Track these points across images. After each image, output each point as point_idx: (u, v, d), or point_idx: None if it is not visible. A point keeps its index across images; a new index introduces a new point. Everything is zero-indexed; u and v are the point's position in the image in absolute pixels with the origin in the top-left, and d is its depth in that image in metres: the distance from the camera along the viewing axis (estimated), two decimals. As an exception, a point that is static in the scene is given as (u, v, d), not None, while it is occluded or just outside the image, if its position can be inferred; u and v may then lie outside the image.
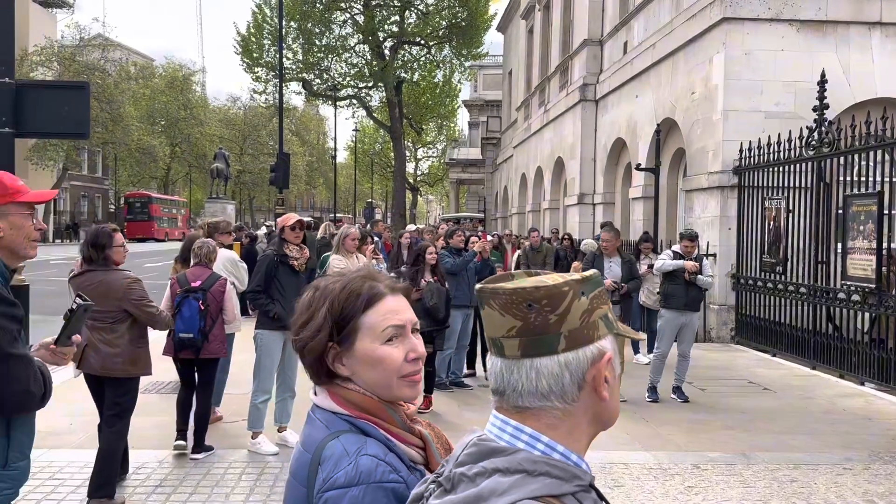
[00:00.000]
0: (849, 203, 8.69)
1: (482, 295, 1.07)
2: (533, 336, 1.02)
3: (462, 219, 35.15)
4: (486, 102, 52.14)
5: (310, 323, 1.37)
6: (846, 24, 11.52)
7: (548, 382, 1.02)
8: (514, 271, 1.13)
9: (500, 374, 1.05)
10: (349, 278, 1.41)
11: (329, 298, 1.37)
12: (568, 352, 1.02)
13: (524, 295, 1.02)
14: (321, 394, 1.40)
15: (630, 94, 16.20)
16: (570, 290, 1.02)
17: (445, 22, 34.58)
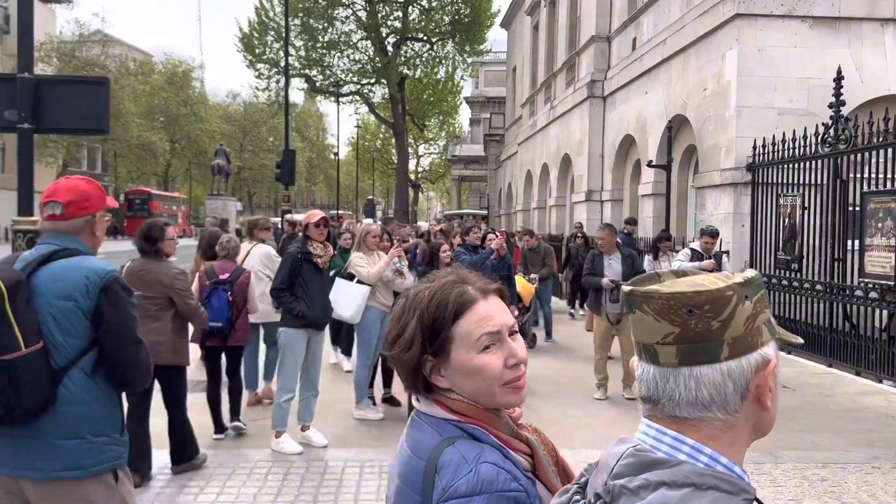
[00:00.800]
0: (867, 200, 8.65)
1: (633, 298, 1.03)
2: (693, 343, 0.97)
3: (464, 216, 35.09)
4: (488, 99, 52.08)
5: (400, 338, 1.35)
6: (859, 20, 11.47)
7: (709, 392, 0.98)
8: (660, 271, 1.09)
9: (654, 381, 1.01)
10: (438, 286, 1.37)
11: (418, 310, 1.34)
12: (731, 360, 0.97)
13: (684, 300, 0.98)
14: (424, 401, 1.37)
15: (639, 90, 16.14)
16: (733, 295, 0.97)
17: (448, 18, 34.49)
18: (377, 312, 6.84)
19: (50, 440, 2.46)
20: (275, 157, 61.29)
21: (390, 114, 36.88)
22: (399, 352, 1.34)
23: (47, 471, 2.45)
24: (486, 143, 41.77)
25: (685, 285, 0.99)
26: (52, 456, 2.46)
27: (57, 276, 2.50)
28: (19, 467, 2.46)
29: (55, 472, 2.46)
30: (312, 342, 5.93)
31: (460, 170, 52.07)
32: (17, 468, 2.46)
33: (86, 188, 2.61)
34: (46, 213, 2.58)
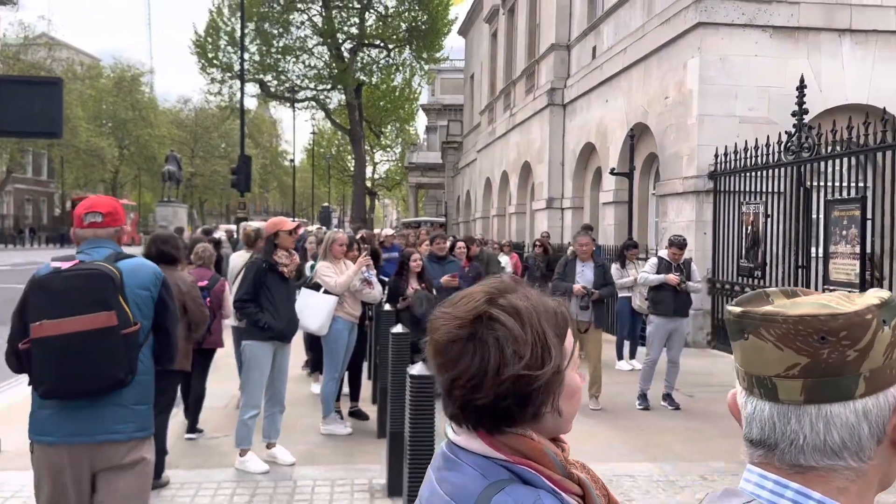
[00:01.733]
0: (831, 208, 8.72)
1: (747, 321, 0.85)
2: (823, 377, 0.81)
3: (422, 223, 34.94)
4: (444, 106, 52.12)
5: (543, 354, 1.10)
6: (817, 30, 11.66)
7: (840, 436, 0.82)
8: (768, 289, 0.91)
9: (770, 421, 0.85)
10: (535, 295, 1.16)
11: (548, 322, 1.12)
12: (867, 397, 0.82)
13: (816, 325, 0.81)
14: (465, 434, 1.15)
15: (600, 98, 16.19)
16: (873, 319, 0.81)
17: (406, 25, 34.35)
18: (345, 323, 6.61)
19: (130, 406, 2.93)
20: (227, 163, 60.35)
21: (347, 120, 36.54)
22: (546, 373, 1.09)
23: (128, 432, 2.91)
24: (444, 151, 41.70)
25: (812, 307, 0.83)
26: (131, 419, 2.93)
27: (133, 271, 2.98)
28: (101, 433, 2.86)
29: (133, 432, 2.93)
30: (278, 355, 5.67)
31: (417, 177, 51.93)
32: (99, 434, 2.85)
33: (116, 204, 3.18)
34: (88, 221, 3.03)
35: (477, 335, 1.10)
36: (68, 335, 2.75)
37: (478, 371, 1.09)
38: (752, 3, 11.57)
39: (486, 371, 1.08)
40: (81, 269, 2.84)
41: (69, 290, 2.79)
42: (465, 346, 1.10)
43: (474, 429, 1.13)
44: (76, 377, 2.79)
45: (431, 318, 1.21)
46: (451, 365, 1.12)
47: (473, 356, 1.10)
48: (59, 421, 2.85)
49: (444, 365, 1.14)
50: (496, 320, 1.10)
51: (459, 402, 1.12)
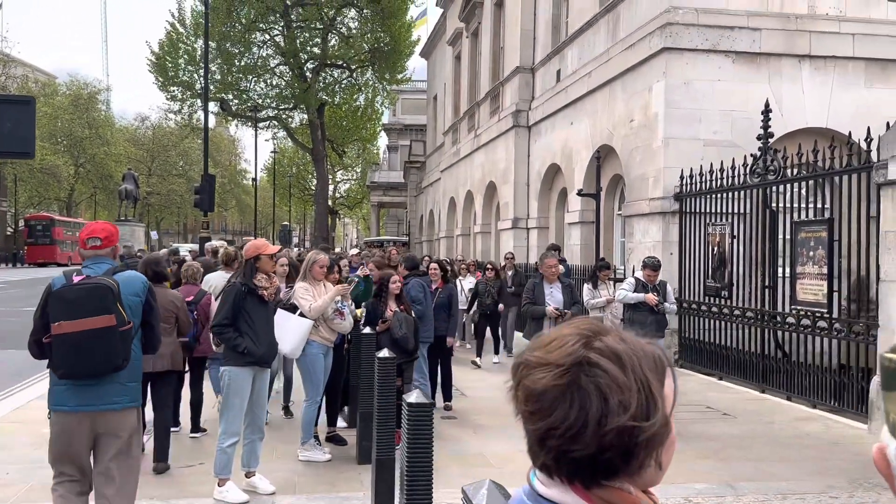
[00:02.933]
0: (798, 229, 8.93)
1: None
2: None
3: (385, 242, 34.84)
4: (406, 126, 52.28)
5: (648, 403, 1.02)
6: (778, 56, 12.00)
7: None
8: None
9: None
10: (630, 337, 1.08)
11: (647, 367, 1.04)
12: None
13: None
14: (558, 487, 1.07)
15: (565, 120, 16.39)
16: None
17: (368, 46, 34.40)
18: (320, 347, 6.51)
19: (125, 383, 3.94)
20: (185, 181, 59.52)
21: (309, 139, 36.35)
22: (654, 424, 1.01)
23: (123, 403, 3.93)
24: (406, 170, 41.75)
25: None
26: (126, 393, 3.95)
27: (127, 282, 3.97)
28: (103, 403, 3.86)
29: (127, 403, 3.96)
30: (258, 380, 5.55)
31: (379, 196, 51.85)
32: (102, 404, 3.86)
33: (111, 228, 4.07)
34: (90, 245, 3.97)
35: (577, 382, 1.02)
36: (80, 332, 3.72)
37: (576, 421, 1.01)
38: (716, 29, 11.87)
39: (586, 422, 1.01)
40: (88, 283, 3.82)
41: (79, 298, 3.77)
42: (564, 395, 1.02)
43: (569, 482, 1.06)
44: (85, 363, 3.77)
45: (520, 361, 1.12)
46: (546, 413, 1.04)
47: (572, 405, 1.02)
48: (71, 395, 3.84)
49: (537, 412, 1.05)
50: (597, 366, 1.02)
51: (555, 454, 1.04)
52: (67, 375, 3.79)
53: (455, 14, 27.32)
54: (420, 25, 40.26)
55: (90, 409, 3.83)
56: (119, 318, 3.75)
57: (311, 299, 6.38)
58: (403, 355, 6.84)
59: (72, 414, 3.83)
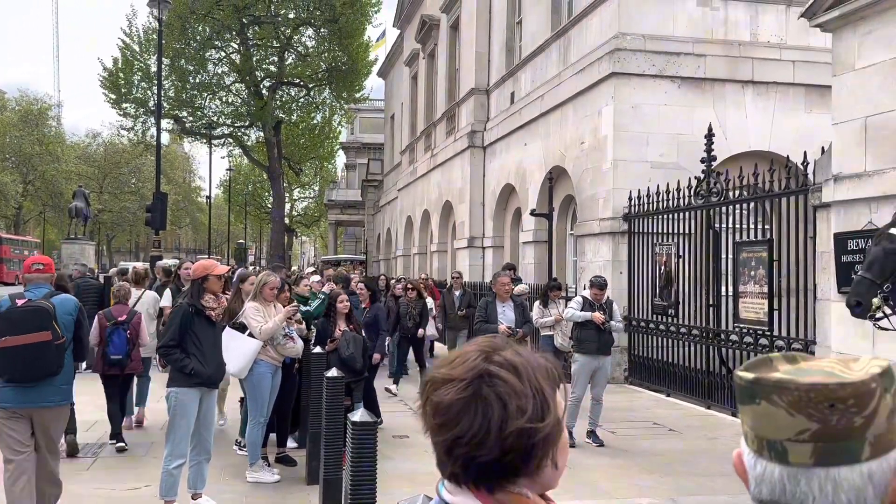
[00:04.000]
0: (739, 250, 9.23)
1: (759, 387, 0.91)
2: (832, 441, 0.88)
3: (342, 261, 34.69)
4: (364, 145, 52.30)
5: (543, 407, 1.13)
6: (722, 81, 12.41)
7: (847, 497, 0.87)
8: (771, 355, 0.97)
9: (780, 483, 0.90)
10: (526, 351, 1.20)
11: (541, 375, 1.15)
12: (872, 460, 0.88)
13: (826, 393, 0.87)
14: (461, 494, 1.16)
15: (518, 141, 16.65)
16: (877, 388, 0.88)
17: (325, 65, 34.42)
18: (268, 366, 6.50)
19: (58, 386, 4.87)
20: (137, 199, 58.43)
21: (265, 157, 36.13)
22: (548, 424, 1.12)
23: (57, 401, 4.89)
24: (364, 189, 41.74)
25: (821, 375, 0.89)
26: (59, 394, 4.89)
27: (61, 303, 4.91)
28: (42, 402, 4.80)
29: (60, 402, 4.94)
30: (205, 401, 5.53)
31: (336, 214, 51.68)
32: (40, 402, 4.79)
33: (50, 260, 5.30)
34: (34, 268, 5.02)
35: (479, 393, 1.12)
36: (22, 346, 4.67)
37: (480, 428, 1.10)
38: (662, 55, 12.24)
39: (489, 428, 1.10)
40: (30, 306, 4.77)
41: (22, 318, 4.73)
42: (468, 406, 1.12)
43: (476, 487, 1.14)
44: (27, 371, 4.71)
45: (427, 378, 1.22)
46: (452, 424, 1.13)
47: (476, 414, 1.11)
48: (15, 395, 4.76)
49: (445, 424, 1.14)
50: (496, 377, 1.12)
51: (462, 461, 1.13)
52: (12, 380, 4.73)
53: (412, 35, 27.58)
54: (378, 47, 40.50)
55: (31, 407, 4.78)
56: (54, 333, 4.72)
57: (261, 320, 6.38)
58: (352, 375, 6.87)
59: (16, 410, 4.78)
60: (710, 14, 12.64)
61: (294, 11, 33.12)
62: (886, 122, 6.49)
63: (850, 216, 6.95)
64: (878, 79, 6.61)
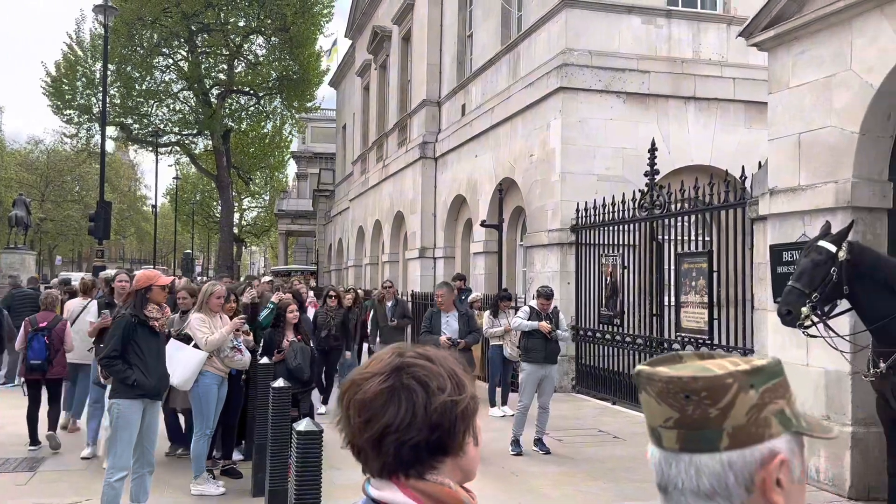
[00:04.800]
0: (681, 261, 9.48)
1: (638, 378, 1.01)
2: (691, 430, 0.96)
3: (293, 271, 34.36)
4: (315, 154, 52.00)
5: (459, 384, 1.25)
6: (665, 97, 12.75)
7: (709, 482, 0.95)
8: (682, 352, 1.06)
9: (660, 467, 1.00)
10: (431, 348, 1.32)
11: (452, 362, 1.29)
12: (732, 450, 0.95)
13: (680, 385, 0.96)
14: (388, 488, 1.23)
15: (470, 153, 16.81)
16: (734, 383, 0.95)
17: (276, 73, 34.19)
18: (214, 377, 6.45)
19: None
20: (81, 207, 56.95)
21: (214, 166, 35.65)
22: (466, 397, 1.25)
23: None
24: (315, 199, 41.49)
25: (690, 369, 0.97)
26: None
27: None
28: None
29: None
30: (148, 413, 5.46)
31: (287, 224, 51.18)
32: None
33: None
34: None
35: (400, 382, 1.22)
36: None
37: (407, 412, 1.20)
38: (608, 71, 12.52)
39: (415, 410, 1.20)
40: None
41: None
42: (392, 395, 1.21)
43: (400, 479, 1.21)
44: None
45: (346, 384, 1.30)
46: (380, 416, 1.21)
47: (401, 401, 1.21)
48: None
49: (371, 419, 1.22)
50: (413, 365, 1.24)
51: (394, 447, 1.20)
52: None
53: (364, 46, 27.61)
54: (332, 59, 40.41)
55: None
56: None
57: (207, 331, 6.33)
58: (299, 385, 6.86)
59: None
60: (655, 31, 12.99)
61: (244, 20, 32.84)
62: (817, 139, 6.78)
63: (784, 228, 7.21)
64: (810, 97, 6.90)
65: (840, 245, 5.11)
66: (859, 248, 5.23)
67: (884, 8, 6.01)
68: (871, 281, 5.13)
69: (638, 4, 12.88)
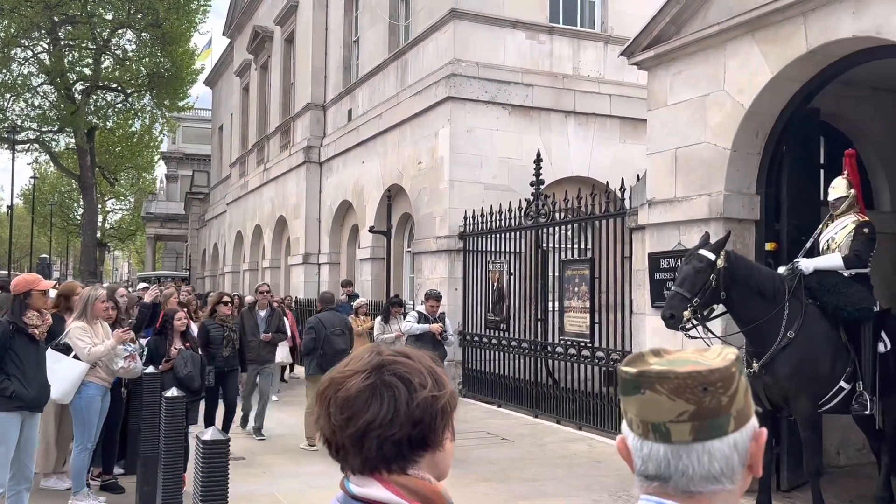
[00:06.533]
0: (564, 267, 9.89)
1: (643, 379, 1.07)
2: (706, 419, 1.05)
3: (162, 277, 32.90)
4: (187, 156, 50.10)
5: (438, 380, 1.29)
6: (548, 111, 13.24)
7: (720, 465, 1.05)
8: (642, 351, 1.14)
9: (665, 459, 1.07)
10: (406, 347, 1.39)
11: (429, 360, 1.33)
12: (736, 432, 1.06)
13: (700, 378, 1.05)
14: (369, 485, 1.25)
15: (356, 159, 16.75)
16: (736, 371, 1.07)
17: (146, 70, 32.67)
18: (97, 388, 6.11)
19: None
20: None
21: (76, 165, 33.57)
22: (447, 392, 1.29)
23: None
24: (188, 202, 39.91)
25: (693, 364, 1.06)
26: None
27: None
28: None
29: None
30: (26, 426, 5.12)
31: (156, 228, 48.92)
32: None
33: None
34: None
35: (382, 379, 1.26)
36: None
37: (390, 408, 1.24)
38: (494, 83, 12.87)
39: (398, 406, 1.24)
40: None
41: None
42: (374, 393, 1.25)
43: (388, 471, 1.25)
44: None
45: (326, 383, 1.31)
46: (363, 412, 1.24)
47: (384, 398, 1.24)
48: None
49: (354, 416, 1.24)
50: (393, 363, 1.28)
51: (377, 443, 1.23)
52: None
53: (243, 46, 26.88)
54: (205, 57, 39.06)
55: None
56: None
57: (89, 342, 5.96)
58: (189, 395, 6.60)
59: None
60: (538, 47, 13.48)
61: (112, 13, 31.19)
62: (693, 154, 7.28)
63: (662, 238, 7.69)
64: (686, 114, 7.40)
65: (718, 254, 5.52)
66: (735, 257, 5.66)
67: (755, 33, 6.55)
68: (745, 287, 5.58)
69: (522, 20, 13.32)
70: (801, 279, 5.74)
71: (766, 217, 6.95)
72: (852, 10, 5.75)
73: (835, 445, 7.64)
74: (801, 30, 6.16)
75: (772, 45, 6.43)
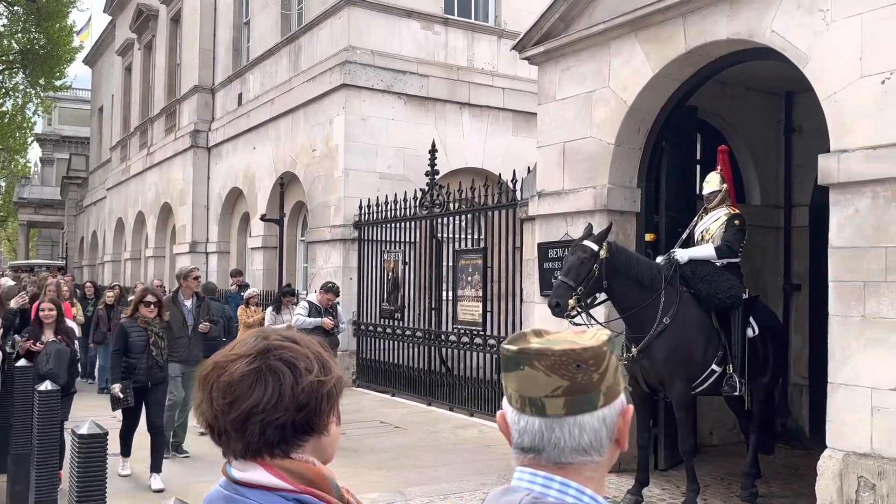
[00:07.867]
0: (458, 257, 10.01)
1: (523, 356, 1.12)
2: (578, 394, 1.11)
3: (36, 266, 31.02)
4: (64, 138, 47.26)
5: (324, 365, 1.29)
6: (443, 102, 13.33)
7: (589, 438, 1.11)
8: (525, 331, 1.19)
9: (539, 432, 1.12)
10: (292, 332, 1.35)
11: (318, 345, 1.33)
12: (604, 407, 1.13)
13: (574, 356, 1.11)
14: (252, 469, 1.24)
15: (247, 145, 16.31)
16: (607, 350, 1.14)
17: (19, 46, 30.57)
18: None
19: None
20: None
21: (-62, 146, 31.09)
22: (334, 376, 1.29)
23: None
24: (65, 187, 37.71)
25: (568, 343, 1.12)
26: None
27: None
28: None
29: None
30: None
31: (29, 214, 45.87)
32: None
33: None
34: None
35: (267, 364, 1.25)
36: None
37: (275, 392, 1.23)
38: (390, 72, 12.83)
39: (282, 390, 1.23)
40: None
41: None
42: (259, 377, 1.24)
43: (270, 456, 1.24)
44: None
45: (208, 367, 1.29)
46: (246, 397, 1.23)
47: (268, 382, 1.23)
48: None
49: (237, 400, 1.23)
50: (279, 348, 1.27)
51: (260, 427, 1.22)
52: None
53: (126, 24, 25.57)
54: (85, 37, 36.90)
55: None
56: None
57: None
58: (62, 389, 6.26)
59: None
60: (433, 37, 13.53)
61: (-19, -17, 29.01)
62: (579, 148, 7.53)
63: (550, 228, 7.91)
64: (573, 109, 7.64)
65: (601, 244, 5.74)
66: (616, 248, 5.91)
67: (638, 33, 6.83)
68: (625, 276, 5.83)
69: (417, 9, 13.33)
70: (677, 268, 6.06)
71: (645, 209, 7.29)
72: (727, 14, 6.10)
73: (708, 426, 8.14)
74: (681, 31, 6.47)
75: (653, 44, 6.72)
